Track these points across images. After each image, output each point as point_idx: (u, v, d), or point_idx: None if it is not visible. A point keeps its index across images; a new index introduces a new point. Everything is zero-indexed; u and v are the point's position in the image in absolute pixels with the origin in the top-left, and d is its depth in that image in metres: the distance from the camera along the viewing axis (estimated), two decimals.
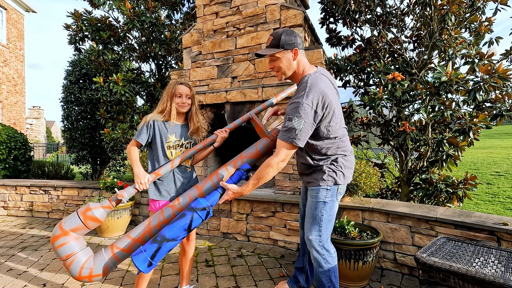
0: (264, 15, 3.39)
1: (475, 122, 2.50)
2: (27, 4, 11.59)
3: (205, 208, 1.57)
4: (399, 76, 2.63)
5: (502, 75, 2.14)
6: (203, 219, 1.56)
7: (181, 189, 1.91)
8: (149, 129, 1.89)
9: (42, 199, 4.38)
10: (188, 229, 1.54)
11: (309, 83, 1.58)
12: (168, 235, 1.50)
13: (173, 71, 3.98)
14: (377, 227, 2.60)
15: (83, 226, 1.59)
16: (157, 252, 1.47)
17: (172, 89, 1.91)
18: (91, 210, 1.62)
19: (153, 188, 1.88)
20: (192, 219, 1.53)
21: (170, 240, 1.49)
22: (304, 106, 1.51)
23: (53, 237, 1.56)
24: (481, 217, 2.25)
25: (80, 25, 4.08)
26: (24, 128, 11.96)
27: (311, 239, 1.75)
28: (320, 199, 1.76)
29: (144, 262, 1.46)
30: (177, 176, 1.91)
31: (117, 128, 4.14)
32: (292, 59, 1.63)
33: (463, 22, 3.09)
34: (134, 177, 1.82)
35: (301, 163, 1.86)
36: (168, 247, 1.50)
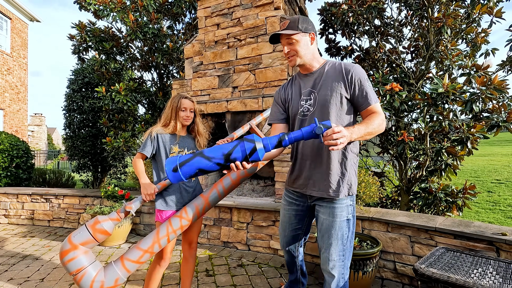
0: (264, 27, 3.46)
1: (473, 132, 2.53)
2: (32, 14, 11.79)
3: (253, 141, 1.26)
4: (397, 87, 2.68)
5: (497, 86, 2.18)
6: (246, 153, 1.26)
7: (187, 198, 1.95)
8: (153, 142, 1.94)
9: (43, 207, 4.40)
10: (227, 156, 1.28)
11: (345, 62, 1.52)
12: (205, 152, 1.33)
13: (174, 80, 4.04)
14: (377, 236, 2.61)
15: (92, 239, 1.61)
16: (187, 162, 1.31)
17: (177, 103, 1.96)
18: (100, 223, 1.64)
19: (159, 199, 1.91)
20: (235, 147, 1.28)
21: (204, 156, 1.30)
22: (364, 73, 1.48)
23: (62, 251, 1.57)
24: (480, 227, 2.27)
25: (84, 36, 4.17)
26: (26, 135, 12.03)
27: (335, 274, 1.45)
28: (343, 217, 1.46)
29: (172, 163, 1.32)
30: (182, 185, 1.95)
31: (119, 137, 4.18)
32: (310, 43, 1.51)
33: (460, 33, 3.15)
34: (141, 189, 1.86)
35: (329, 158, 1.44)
36: (199, 163, 1.30)
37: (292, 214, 1.65)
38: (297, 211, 1.64)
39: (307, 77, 1.57)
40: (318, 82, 1.50)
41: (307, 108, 1.51)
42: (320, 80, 1.50)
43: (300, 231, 1.67)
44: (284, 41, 1.50)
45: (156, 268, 1.91)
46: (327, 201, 1.48)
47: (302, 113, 1.52)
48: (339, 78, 1.45)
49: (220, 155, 1.29)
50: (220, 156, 1.29)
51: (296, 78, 1.65)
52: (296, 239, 1.72)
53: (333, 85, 1.45)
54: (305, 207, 1.61)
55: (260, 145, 1.27)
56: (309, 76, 1.55)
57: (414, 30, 3.69)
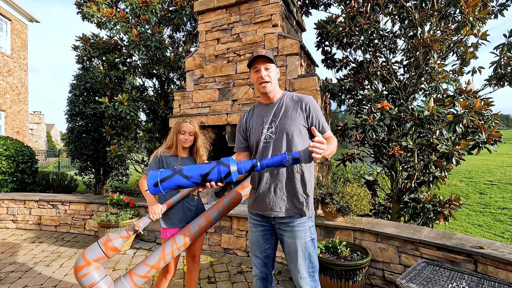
0: (262, 43, 3.61)
1: (457, 149, 2.71)
2: (31, 15, 11.83)
3: (228, 166, 1.40)
4: (388, 106, 2.85)
5: (478, 110, 2.35)
6: (221, 176, 1.40)
7: (190, 216, 2.12)
8: (159, 163, 2.11)
9: (50, 213, 4.57)
10: (204, 177, 1.42)
11: (300, 95, 1.68)
12: (184, 170, 1.45)
13: (176, 92, 4.19)
14: (368, 246, 2.80)
15: (104, 256, 1.79)
16: (167, 178, 1.43)
17: (177, 127, 2.14)
18: (112, 241, 1.82)
19: (164, 217, 2.08)
20: (212, 169, 1.41)
21: (183, 175, 1.43)
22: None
23: (76, 267, 1.75)
24: (461, 239, 2.46)
25: (88, 48, 4.30)
26: (27, 136, 12.15)
27: None
28: (308, 238, 1.58)
29: (153, 179, 1.43)
30: (185, 204, 2.12)
31: (122, 146, 4.34)
32: (277, 75, 1.69)
33: (451, 48, 3.31)
34: (148, 208, 2.04)
35: (293, 181, 1.57)
36: (178, 181, 1.43)
37: (260, 235, 1.69)
38: (263, 232, 1.68)
39: (268, 106, 1.68)
40: (279, 112, 1.63)
41: (269, 136, 1.60)
42: (280, 110, 1.63)
43: (270, 250, 1.72)
44: (262, 65, 1.59)
45: (162, 281, 2.09)
46: (291, 224, 1.56)
47: (265, 140, 1.61)
48: (297, 108, 1.60)
49: (198, 175, 1.42)
50: (198, 176, 1.42)
51: (257, 108, 1.75)
52: (268, 258, 1.73)
53: (292, 115, 1.59)
54: (270, 227, 1.67)
55: (234, 168, 1.40)
56: (270, 106, 1.67)
57: (408, 42, 3.85)
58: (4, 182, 5.26)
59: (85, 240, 4.16)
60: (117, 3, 4.90)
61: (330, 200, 2.91)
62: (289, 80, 3.47)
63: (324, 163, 3.97)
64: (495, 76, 3.21)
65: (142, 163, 5.16)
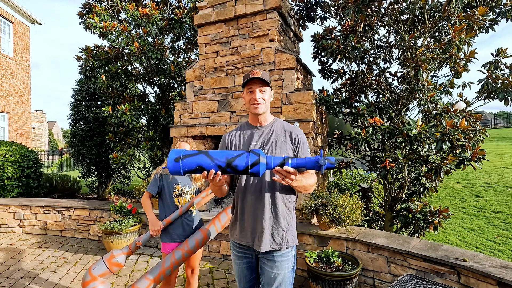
0: (260, 57, 3.73)
1: (445, 163, 2.84)
2: (33, 17, 11.94)
3: (258, 155, 1.29)
4: (379, 121, 2.97)
5: (464, 129, 2.47)
6: (248, 164, 1.27)
7: (189, 231, 2.26)
8: (159, 181, 2.25)
9: (55, 219, 4.73)
10: (229, 161, 1.29)
11: (291, 126, 1.64)
12: (210, 152, 1.34)
13: (177, 102, 4.32)
14: (359, 256, 2.94)
15: (108, 271, 1.94)
16: (191, 156, 1.32)
17: (174, 145, 2.28)
18: (115, 257, 1.97)
19: (164, 233, 2.22)
20: (240, 155, 1.30)
21: (208, 156, 1.31)
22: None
23: (84, 282, 1.90)
24: (446, 251, 2.59)
25: (91, 59, 4.43)
26: (31, 137, 12.32)
27: None
28: (289, 268, 1.55)
29: (176, 154, 1.33)
30: (184, 220, 2.26)
31: (125, 154, 4.48)
32: (271, 98, 1.63)
33: (441, 63, 3.42)
34: (149, 225, 2.18)
35: (277, 212, 1.52)
36: (201, 160, 1.31)
37: (244, 267, 1.63)
38: (248, 263, 1.62)
39: (256, 129, 1.61)
40: (268, 138, 1.56)
41: None
42: (269, 137, 1.57)
43: (255, 280, 1.68)
44: (258, 87, 1.54)
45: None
46: (275, 254, 1.52)
47: None
48: (287, 139, 1.57)
49: (224, 158, 1.30)
50: (223, 159, 1.30)
51: (243, 128, 1.66)
52: (254, 286, 1.69)
53: (282, 145, 1.55)
54: (254, 258, 1.61)
55: (263, 160, 1.29)
56: (258, 130, 1.60)
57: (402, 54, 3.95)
58: (10, 187, 5.43)
59: (89, 245, 4.32)
60: (119, 13, 5.01)
61: (323, 212, 3.05)
62: (285, 94, 3.59)
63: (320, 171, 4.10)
64: (484, 91, 3.32)
65: (144, 170, 5.30)
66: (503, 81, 2.99)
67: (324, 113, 4.20)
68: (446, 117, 2.63)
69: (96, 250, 4.10)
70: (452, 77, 3.67)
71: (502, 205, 6.61)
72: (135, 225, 3.95)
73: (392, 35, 3.95)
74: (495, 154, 13.05)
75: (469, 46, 2.73)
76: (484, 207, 6.66)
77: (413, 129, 2.57)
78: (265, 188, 1.52)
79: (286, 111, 3.58)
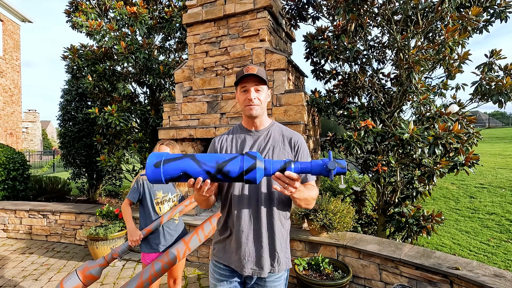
0: (250, 57, 3.63)
1: (438, 168, 2.77)
2: (23, 15, 11.71)
3: (255, 158, 1.09)
4: (371, 124, 2.89)
5: (457, 133, 2.40)
6: (242, 169, 1.07)
7: (170, 241, 2.15)
8: (139, 188, 2.14)
9: (40, 223, 4.59)
10: (220, 166, 1.09)
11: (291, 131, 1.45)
12: (198, 155, 1.13)
13: (166, 103, 4.21)
14: (350, 263, 2.86)
15: (82, 285, 1.83)
16: (174, 160, 1.11)
17: (155, 149, 2.16)
18: (89, 270, 1.86)
19: (144, 242, 2.12)
20: (233, 159, 1.09)
21: (195, 160, 1.10)
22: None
23: None
24: (439, 259, 2.52)
25: (76, 60, 4.30)
26: (21, 137, 12.10)
27: None
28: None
29: (157, 157, 1.12)
30: (166, 229, 2.15)
31: (112, 157, 4.36)
32: (268, 98, 1.42)
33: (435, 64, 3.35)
34: (127, 234, 2.07)
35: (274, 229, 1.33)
36: (187, 165, 1.10)
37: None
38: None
39: (251, 134, 1.41)
40: (264, 145, 1.37)
41: None
42: (266, 144, 1.37)
43: None
44: (253, 85, 1.33)
45: None
46: (268, 279, 1.34)
47: None
48: (286, 147, 1.37)
49: (213, 163, 1.10)
50: (213, 164, 1.09)
51: (236, 132, 1.45)
52: None
53: (280, 152, 1.35)
54: (240, 285, 1.39)
55: (261, 164, 1.09)
56: (254, 134, 1.41)
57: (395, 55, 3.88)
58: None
59: (75, 250, 4.19)
60: (107, 11, 4.88)
61: (314, 217, 2.96)
62: (276, 95, 3.50)
63: None
64: (478, 93, 3.25)
65: (133, 172, 5.18)
66: (497, 83, 2.92)
67: (316, 114, 4.11)
68: (439, 121, 2.55)
69: (81, 256, 3.97)
70: (445, 79, 3.60)
71: (496, 206, 6.58)
72: (122, 230, 3.83)
73: (386, 35, 3.88)
74: (489, 154, 13.08)
75: (463, 47, 2.66)
76: (478, 209, 6.63)
77: (405, 132, 2.49)
78: (262, 201, 1.31)
79: (277, 113, 3.48)
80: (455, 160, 2.52)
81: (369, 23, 3.31)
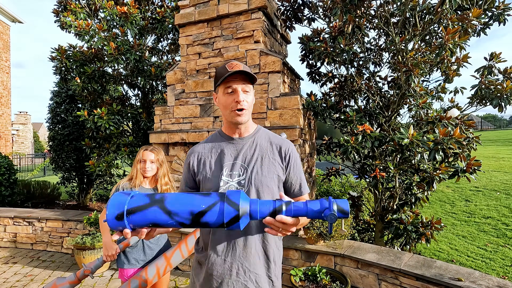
0: (244, 59, 3.52)
1: (438, 173, 2.68)
2: (13, 15, 11.47)
3: (237, 206, 0.91)
4: (369, 129, 2.80)
5: (458, 139, 2.32)
6: (222, 220, 0.91)
7: (150, 255, 1.97)
8: None
9: (26, 231, 4.40)
10: (196, 218, 0.92)
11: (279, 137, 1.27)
12: (167, 202, 0.93)
13: (157, 106, 4.07)
14: (348, 272, 2.75)
15: None
16: (140, 210, 0.92)
17: (137, 155, 2.00)
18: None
19: (121, 257, 1.94)
20: (211, 209, 0.92)
21: (165, 210, 0.92)
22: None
23: None
24: (440, 269, 2.42)
25: (64, 60, 4.14)
26: (10, 140, 11.81)
27: None
28: None
29: (118, 207, 0.92)
30: (146, 243, 1.97)
31: (101, 162, 4.20)
32: (253, 99, 1.23)
33: (433, 67, 3.28)
34: (102, 248, 1.90)
35: (262, 259, 1.15)
36: (155, 216, 0.92)
37: None
38: None
39: (233, 142, 1.21)
40: (251, 156, 1.17)
41: (234, 187, 1.12)
42: (253, 154, 1.18)
43: None
44: (240, 85, 1.11)
45: None
46: None
47: None
48: (276, 157, 1.19)
49: (187, 213, 0.92)
50: (187, 215, 0.92)
51: (217, 140, 1.25)
52: None
53: (270, 163, 1.17)
54: None
55: (245, 209, 0.92)
56: (237, 142, 1.21)
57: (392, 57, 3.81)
58: None
59: (62, 259, 4.01)
60: (97, 11, 4.73)
61: (310, 225, 2.85)
62: (271, 98, 3.39)
63: (308, 179, 3.91)
64: (476, 97, 3.19)
65: (124, 177, 5.02)
66: (496, 86, 2.86)
67: (312, 118, 4.02)
68: (439, 125, 2.47)
69: (68, 266, 3.80)
70: (443, 82, 3.54)
71: (492, 210, 6.55)
72: None
73: (382, 37, 3.81)
74: (483, 157, 13.15)
75: (462, 50, 2.59)
76: (474, 212, 6.60)
77: (404, 138, 2.41)
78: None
79: (272, 116, 3.37)
80: (456, 167, 2.44)
81: (366, 25, 3.24)
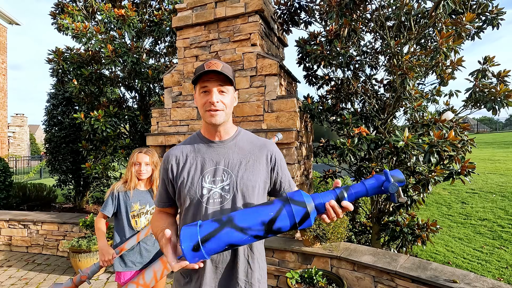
0: (241, 62, 3.54)
1: (433, 176, 2.70)
2: (10, 17, 11.43)
3: (304, 204, 0.94)
4: (365, 131, 2.82)
5: (452, 141, 2.34)
6: (294, 221, 0.94)
7: (147, 257, 1.97)
8: (114, 201, 1.97)
9: (21, 234, 4.37)
10: (269, 226, 0.94)
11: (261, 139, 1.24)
12: (236, 219, 0.95)
13: (154, 109, 4.07)
14: (345, 275, 2.76)
15: None
16: (213, 236, 0.94)
17: (131, 158, 2.00)
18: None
19: (118, 260, 1.92)
20: (280, 214, 0.94)
21: (236, 227, 0.94)
22: None
23: None
24: (436, 271, 2.44)
25: (61, 63, 4.14)
26: (6, 142, 11.74)
27: None
28: None
29: (191, 240, 0.93)
30: (142, 245, 1.97)
31: (98, 164, 4.19)
32: (234, 102, 1.17)
33: (428, 71, 3.32)
34: (99, 253, 1.89)
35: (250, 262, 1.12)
36: (230, 237, 0.94)
37: None
38: None
39: (213, 146, 1.15)
40: (233, 159, 1.13)
41: (218, 194, 1.08)
42: (235, 157, 1.13)
43: None
44: (216, 86, 1.06)
45: None
46: None
47: (212, 200, 1.08)
48: (261, 159, 1.15)
49: (259, 224, 0.94)
50: (259, 226, 0.94)
51: (195, 142, 1.18)
52: None
53: (255, 167, 1.13)
54: None
55: (311, 206, 0.95)
56: (217, 146, 1.15)
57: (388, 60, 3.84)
58: None
59: (57, 262, 3.98)
60: (94, 14, 4.74)
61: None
62: (268, 101, 3.41)
63: (304, 182, 3.92)
64: (471, 100, 3.23)
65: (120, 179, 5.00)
66: (490, 89, 2.89)
67: (308, 121, 4.04)
68: (434, 128, 2.50)
69: (63, 269, 3.77)
70: (438, 85, 3.58)
71: (488, 212, 6.59)
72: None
73: (378, 41, 3.84)
74: (479, 159, 13.22)
75: (456, 54, 2.62)
76: (470, 214, 6.63)
77: (400, 140, 2.43)
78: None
79: (268, 119, 3.39)
80: (451, 169, 2.46)
81: (362, 29, 3.27)
